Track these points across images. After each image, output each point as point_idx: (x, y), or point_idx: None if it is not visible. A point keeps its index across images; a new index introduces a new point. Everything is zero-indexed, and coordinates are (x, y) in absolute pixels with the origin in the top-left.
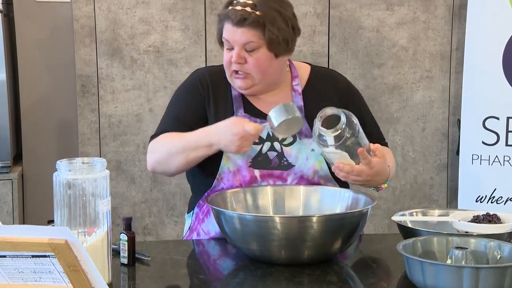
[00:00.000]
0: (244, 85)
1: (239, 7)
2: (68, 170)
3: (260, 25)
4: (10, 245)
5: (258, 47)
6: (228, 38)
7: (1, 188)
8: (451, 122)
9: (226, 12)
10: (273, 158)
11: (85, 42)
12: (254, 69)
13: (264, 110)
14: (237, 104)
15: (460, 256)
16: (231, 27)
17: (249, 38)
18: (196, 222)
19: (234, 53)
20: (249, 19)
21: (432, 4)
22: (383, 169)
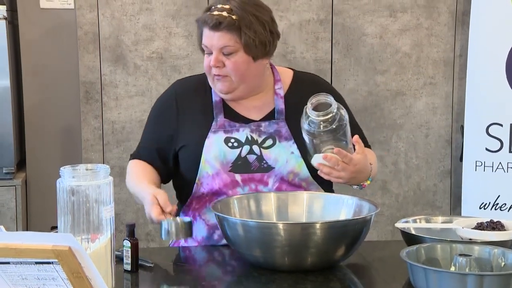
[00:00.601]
0: (224, 88)
1: (215, 12)
2: (72, 176)
3: (236, 28)
4: (14, 252)
5: (235, 51)
6: (206, 43)
7: (5, 194)
8: (455, 129)
9: (203, 18)
10: (253, 161)
11: (89, 49)
12: (232, 72)
13: (244, 114)
14: (217, 110)
15: (464, 263)
16: (208, 31)
17: (226, 42)
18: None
19: (212, 57)
20: (224, 23)
21: (435, 11)
22: (364, 166)
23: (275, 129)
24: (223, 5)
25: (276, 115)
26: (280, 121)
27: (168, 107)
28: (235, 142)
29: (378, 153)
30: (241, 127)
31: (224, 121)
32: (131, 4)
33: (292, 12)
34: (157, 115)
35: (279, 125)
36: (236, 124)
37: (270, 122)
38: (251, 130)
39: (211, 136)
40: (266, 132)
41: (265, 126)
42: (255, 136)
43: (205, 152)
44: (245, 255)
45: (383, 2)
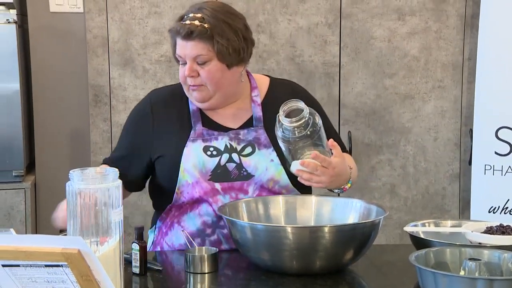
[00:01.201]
0: (200, 97)
1: (187, 21)
2: (81, 179)
3: (209, 37)
4: (24, 255)
5: (209, 59)
6: (180, 53)
7: (14, 197)
8: (463, 132)
9: (175, 27)
10: (232, 169)
11: (98, 52)
12: (207, 81)
13: (222, 123)
14: (195, 118)
15: (474, 268)
16: (181, 41)
17: (199, 51)
18: (160, 236)
19: (186, 67)
20: (195, 32)
21: (444, 14)
22: (343, 169)
23: (254, 136)
24: (194, 14)
25: (254, 123)
26: (258, 129)
27: (143, 116)
28: (214, 151)
29: (386, 157)
30: (220, 136)
31: (202, 129)
32: (140, 8)
33: (301, 16)
34: (132, 124)
35: (258, 132)
36: (214, 133)
37: (249, 130)
38: (230, 138)
39: (189, 145)
40: (245, 140)
41: (244, 134)
42: (234, 144)
43: (184, 161)
44: (253, 259)
45: (392, 6)
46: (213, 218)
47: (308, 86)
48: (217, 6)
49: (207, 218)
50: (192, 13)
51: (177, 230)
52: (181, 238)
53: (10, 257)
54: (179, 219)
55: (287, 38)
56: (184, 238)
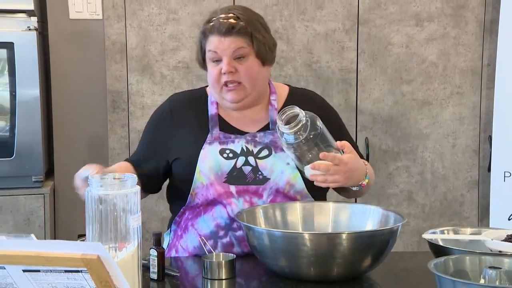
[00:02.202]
0: (237, 97)
1: (222, 20)
2: (100, 185)
3: (248, 33)
4: (44, 260)
5: (247, 54)
6: (216, 48)
7: (34, 202)
8: (482, 139)
9: (210, 26)
10: (248, 172)
11: (116, 59)
12: (246, 77)
13: (239, 127)
14: (213, 122)
15: (494, 276)
16: (219, 37)
17: (239, 44)
18: (175, 239)
19: (224, 63)
20: (237, 27)
21: (462, 20)
22: (356, 163)
23: (270, 139)
24: (226, 14)
25: (271, 126)
26: (275, 132)
27: (163, 118)
28: (230, 153)
29: (404, 163)
30: (236, 139)
31: (219, 133)
32: (158, 15)
33: (318, 22)
34: (152, 126)
35: (275, 136)
36: (231, 136)
37: (266, 133)
38: (247, 141)
39: (206, 147)
40: (261, 142)
41: (260, 136)
42: (250, 147)
43: (200, 163)
44: (270, 265)
45: (410, 12)
46: (226, 221)
47: (325, 92)
48: (244, 7)
49: (221, 220)
50: (223, 13)
51: (191, 233)
52: (195, 241)
53: (31, 262)
54: (193, 222)
55: (304, 44)
56: (198, 241)
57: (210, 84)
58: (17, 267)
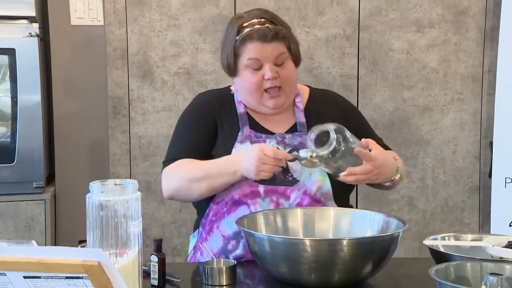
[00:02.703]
0: (279, 103)
1: (258, 26)
2: (101, 191)
3: (286, 37)
4: (45, 266)
5: (286, 58)
6: (259, 56)
7: (34, 208)
8: (483, 145)
9: (249, 32)
10: (278, 174)
11: (117, 64)
12: (286, 81)
13: (268, 127)
14: (243, 121)
15: (495, 283)
16: (261, 44)
17: (280, 50)
18: (200, 240)
19: (267, 69)
20: (279, 33)
21: (463, 26)
22: (386, 158)
23: (299, 141)
24: (259, 19)
25: (299, 128)
26: (303, 134)
27: (204, 116)
28: None
29: (405, 169)
30: (268, 138)
31: (250, 132)
32: (159, 21)
33: (319, 28)
34: (193, 122)
35: (303, 138)
36: (262, 135)
37: (294, 135)
38: (277, 141)
39: (237, 146)
40: (290, 144)
41: (289, 138)
42: (281, 148)
43: None
44: (271, 271)
45: (410, 18)
46: None
47: None
48: (266, 10)
49: None
50: (254, 18)
51: (215, 234)
52: (219, 243)
53: (32, 269)
54: (218, 223)
55: (305, 50)
56: (222, 242)
57: (248, 91)
58: (18, 274)
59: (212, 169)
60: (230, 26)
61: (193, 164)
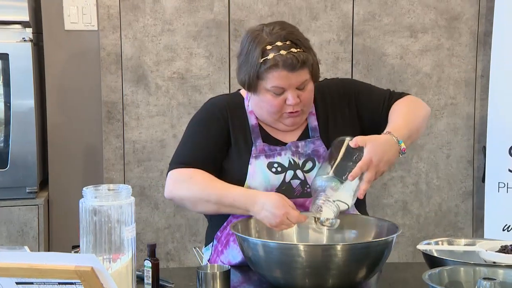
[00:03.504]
0: (299, 122)
1: (284, 52)
2: (94, 197)
3: (309, 62)
4: (38, 272)
5: (308, 82)
6: (282, 85)
7: (28, 213)
8: (476, 150)
9: (276, 62)
10: (296, 186)
11: (111, 69)
12: (307, 103)
13: (281, 139)
14: (255, 134)
15: (488, 287)
16: (286, 73)
17: (303, 77)
18: (215, 254)
19: (290, 96)
20: (307, 61)
21: (456, 32)
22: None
23: (312, 149)
24: (283, 42)
25: (311, 133)
26: (315, 139)
27: (216, 122)
28: (278, 167)
29: (399, 174)
30: (283, 151)
31: (263, 145)
32: (153, 26)
33: (313, 33)
34: (205, 127)
35: (316, 144)
36: (277, 148)
37: (306, 142)
38: (292, 153)
39: (253, 163)
40: (304, 153)
41: (302, 146)
42: (296, 159)
43: (250, 179)
44: (265, 276)
45: (404, 23)
46: None
47: None
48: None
49: None
50: (279, 40)
51: (232, 248)
52: (237, 257)
53: (24, 275)
54: (235, 237)
55: None
56: (241, 256)
57: (267, 112)
58: (11, 280)
59: (227, 198)
60: (251, 44)
61: (208, 182)
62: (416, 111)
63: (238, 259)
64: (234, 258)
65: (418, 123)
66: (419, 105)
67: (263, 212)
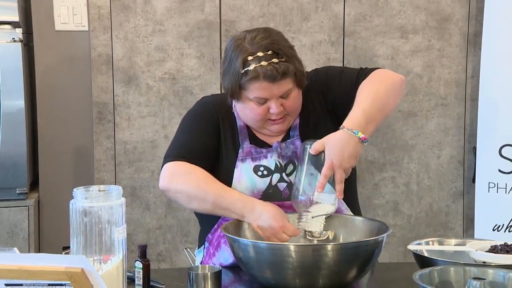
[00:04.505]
0: (284, 128)
1: (265, 63)
2: (85, 197)
3: (292, 71)
4: (27, 274)
5: (292, 89)
6: (264, 95)
7: (18, 214)
8: (467, 150)
9: (256, 74)
10: (283, 189)
11: (102, 70)
12: (292, 109)
13: (266, 140)
14: (242, 135)
15: (478, 287)
16: (267, 84)
17: (286, 87)
18: (207, 257)
19: (273, 105)
20: (288, 72)
21: (446, 32)
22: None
23: (292, 150)
24: (265, 52)
25: (291, 133)
26: (295, 139)
27: (209, 119)
28: (264, 170)
29: (390, 174)
30: (269, 153)
31: (250, 147)
32: (144, 26)
33: (304, 34)
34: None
35: (295, 144)
36: (263, 150)
37: (287, 143)
38: (278, 155)
39: (239, 166)
40: (285, 156)
41: (283, 148)
42: (281, 161)
43: (236, 182)
44: (256, 277)
45: (395, 24)
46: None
47: None
48: (271, 33)
49: None
50: (261, 51)
51: (224, 250)
52: (229, 258)
53: (13, 276)
54: (226, 239)
55: None
56: (232, 258)
57: (251, 119)
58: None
59: (224, 200)
60: (233, 52)
61: (207, 181)
62: (380, 86)
63: (230, 261)
64: (226, 260)
65: (382, 100)
66: (384, 78)
67: (260, 222)
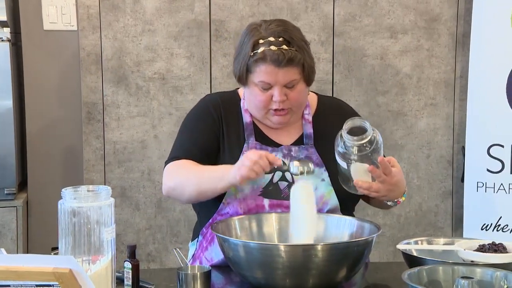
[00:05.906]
0: (284, 121)
1: (274, 47)
2: (73, 198)
3: (300, 62)
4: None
5: (298, 82)
6: (268, 80)
7: (6, 215)
8: (456, 150)
9: (263, 55)
10: (284, 188)
11: (91, 70)
12: (296, 103)
13: (274, 138)
14: (248, 132)
15: (466, 286)
16: (273, 68)
17: (292, 76)
18: (200, 250)
19: (276, 93)
20: (293, 59)
21: (435, 33)
22: (401, 180)
23: (305, 155)
24: (276, 38)
25: (305, 140)
26: (309, 147)
27: (209, 118)
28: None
29: None
30: (274, 152)
31: (255, 144)
32: (134, 26)
33: None
34: (199, 123)
35: (309, 151)
36: (268, 148)
37: (300, 148)
38: (283, 155)
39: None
40: (296, 157)
41: (296, 151)
42: (287, 162)
43: None
44: (246, 277)
45: (384, 24)
46: None
47: None
48: (287, 24)
49: None
50: (272, 37)
51: (217, 245)
52: (220, 254)
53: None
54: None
55: None
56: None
57: (255, 107)
58: None
59: (204, 173)
60: (247, 36)
61: (192, 166)
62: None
63: (221, 257)
64: (217, 256)
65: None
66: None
67: (237, 165)
